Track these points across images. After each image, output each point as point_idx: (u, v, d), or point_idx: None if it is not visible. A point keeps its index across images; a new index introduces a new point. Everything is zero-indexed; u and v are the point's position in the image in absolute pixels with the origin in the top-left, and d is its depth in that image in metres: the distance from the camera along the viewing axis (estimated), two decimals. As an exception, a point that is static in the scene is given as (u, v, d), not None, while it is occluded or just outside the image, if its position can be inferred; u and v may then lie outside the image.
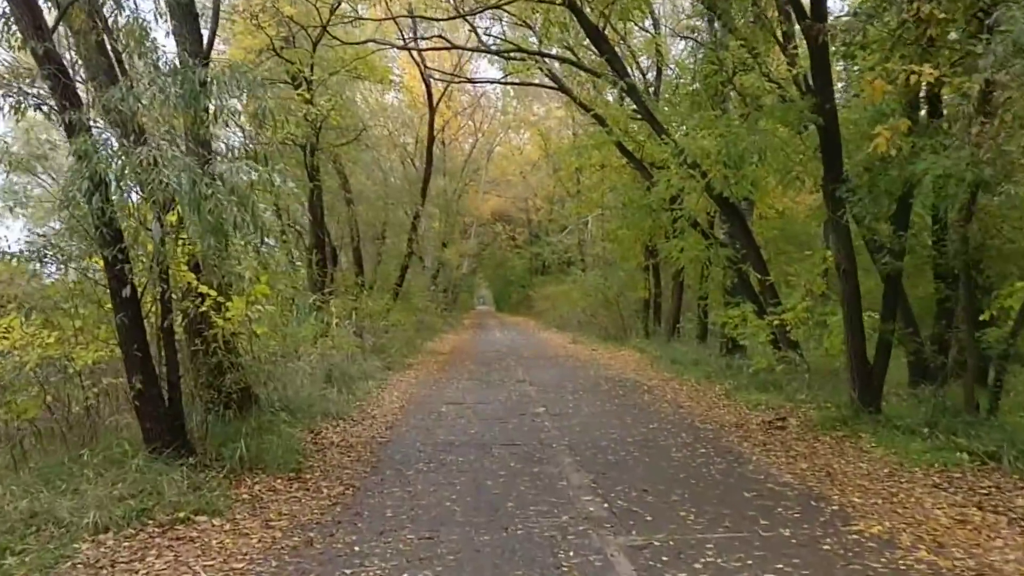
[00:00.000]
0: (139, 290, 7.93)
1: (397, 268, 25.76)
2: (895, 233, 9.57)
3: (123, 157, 6.94)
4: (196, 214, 6.90)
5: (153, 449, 7.72)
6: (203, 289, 9.20)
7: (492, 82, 24.47)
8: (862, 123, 9.83)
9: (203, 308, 9.39)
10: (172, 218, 7.84)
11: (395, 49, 21.72)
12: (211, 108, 7.47)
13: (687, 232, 16.76)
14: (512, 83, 23.77)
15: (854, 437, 9.10)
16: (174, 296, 8.63)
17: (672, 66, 20.46)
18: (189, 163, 6.87)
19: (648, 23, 22.08)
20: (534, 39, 19.28)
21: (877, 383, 9.95)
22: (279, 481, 7.63)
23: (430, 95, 24.43)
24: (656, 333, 24.05)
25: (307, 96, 18.74)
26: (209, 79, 7.18)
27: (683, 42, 22.80)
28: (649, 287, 24.52)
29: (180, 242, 8.48)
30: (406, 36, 19.60)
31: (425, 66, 23.27)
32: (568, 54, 18.49)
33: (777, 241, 18.18)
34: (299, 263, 22.82)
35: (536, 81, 21.23)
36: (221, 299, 9.53)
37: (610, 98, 20.73)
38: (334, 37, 18.42)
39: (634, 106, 16.50)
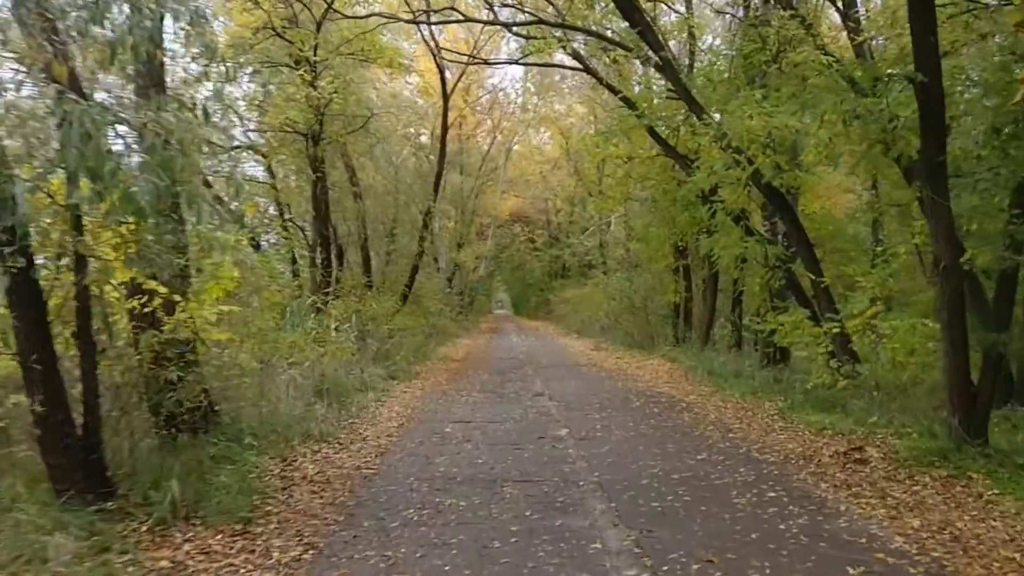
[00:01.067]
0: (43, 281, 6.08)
1: (407, 268, 23.87)
2: (1015, 218, 7.55)
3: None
4: (99, 180, 5.04)
5: (61, 491, 5.88)
6: (149, 285, 7.37)
7: (510, 63, 22.45)
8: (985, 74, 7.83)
9: (151, 308, 7.58)
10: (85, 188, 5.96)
11: (405, 31, 19.92)
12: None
13: (727, 228, 14.76)
14: (532, 64, 21.84)
15: (962, 478, 7.09)
16: (107, 293, 6.78)
17: (706, 50, 18.53)
18: (86, 108, 4.99)
19: (680, 6, 20.17)
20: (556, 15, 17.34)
21: (983, 409, 7.93)
22: (219, 536, 5.72)
23: (444, 82, 22.56)
24: (687, 340, 22.02)
25: (308, 77, 16.92)
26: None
27: (717, 22, 20.89)
28: (679, 290, 22.50)
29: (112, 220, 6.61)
30: (416, 10, 17.68)
31: (438, 48, 21.39)
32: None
33: (828, 240, 16.15)
34: (301, 261, 21.03)
35: (557, 62, 19.27)
36: (176, 296, 7.70)
37: (637, 87, 18.74)
38: (337, 11, 16.57)
39: (666, 88, 14.58)
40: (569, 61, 18.63)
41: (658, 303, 25.58)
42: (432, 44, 21.11)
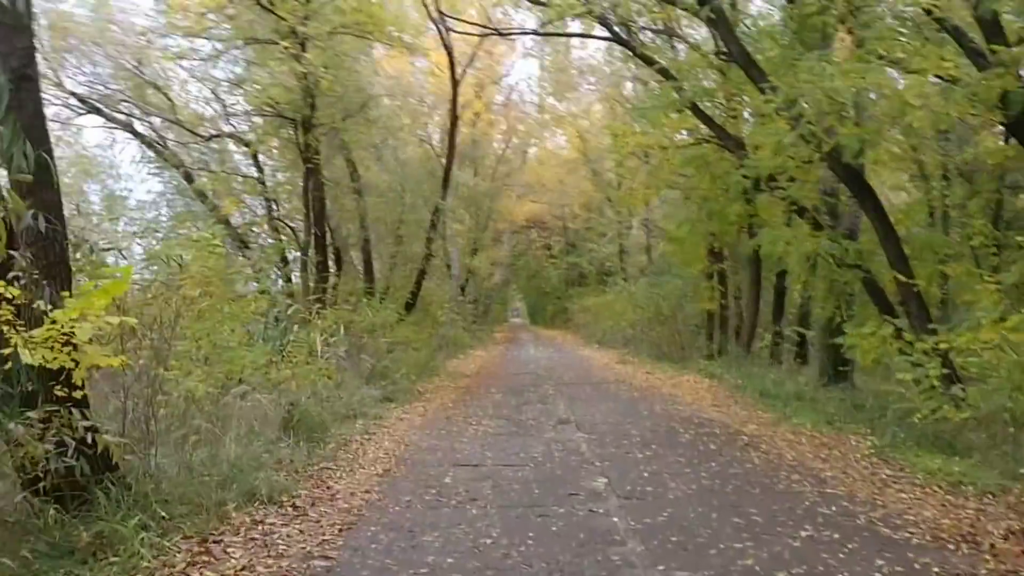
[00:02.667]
0: None
1: (414, 273, 21.26)
2: None
3: None
4: None
5: None
6: (-2, 287, 4.86)
7: (527, 33, 19.70)
8: None
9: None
10: None
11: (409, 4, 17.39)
12: None
13: (793, 223, 12.10)
14: (552, 34, 19.14)
15: None
16: None
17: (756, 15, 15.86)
18: None
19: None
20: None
21: None
22: None
23: (452, 65, 19.98)
24: (725, 352, 19.31)
25: (293, 49, 14.41)
26: None
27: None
28: (715, 297, 19.79)
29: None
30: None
31: (446, 26, 18.82)
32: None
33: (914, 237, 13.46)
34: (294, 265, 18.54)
35: (582, 30, 16.55)
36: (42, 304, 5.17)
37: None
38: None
39: (716, 49, 11.95)
40: (594, 33, 16.00)
41: (688, 312, 22.91)
42: (439, 20, 18.53)
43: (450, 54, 19.72)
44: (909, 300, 10.38)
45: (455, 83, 20.20)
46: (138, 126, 17.89)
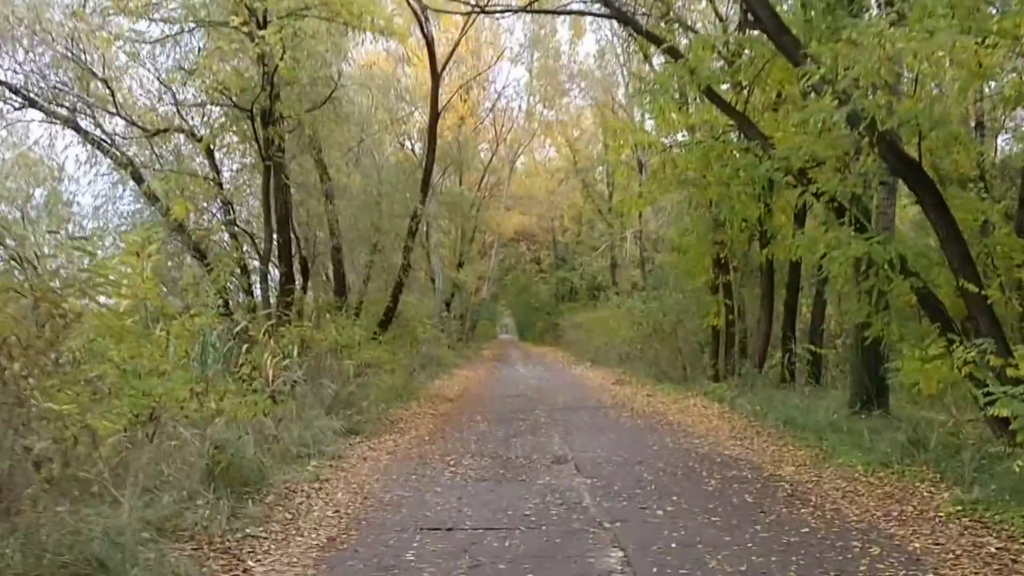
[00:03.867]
0: None
1: (390, 286, 19.24)
2: None
3: None
4: None
5: None
6: None
7: (517, 11, 17.79)
8: None
9: None
10: None
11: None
12: None
13: (828, 222, 10.19)
14: (548, 11, 17.15)
15: None
16: None
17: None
18: None
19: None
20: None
21: None
22: None
23: (432, 55, 18.03)
24: (735, 373, 17.37)
25: (248, 26, 12.50)
26: None
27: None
28: (720, 312, 17.85)
29: None
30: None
31: (424, 8, 16.90)
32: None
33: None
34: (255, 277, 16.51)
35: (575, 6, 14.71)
36: None
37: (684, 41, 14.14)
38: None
39: (742, 13, 10.08)
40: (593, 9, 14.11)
41: (689, 328, 20.99)
42: (417, 4, 16.60)
43: (429, 42, 17.78)
44: (979, 315, 8.49)
45: (435, 74, 18.24)
46: (82, 121, 15.85)
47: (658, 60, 17.90)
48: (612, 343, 27.14)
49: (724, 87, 13.17)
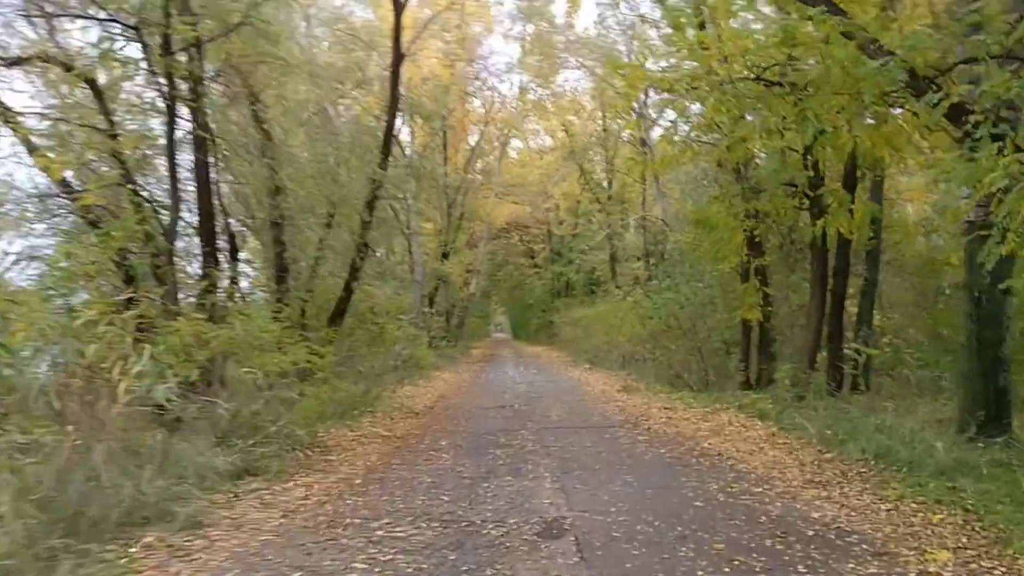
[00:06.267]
0: None
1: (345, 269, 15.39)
2: None
3: None
4: None
5: None
6: None
7: None
8: None
9: None
10: None
11: None
12: None
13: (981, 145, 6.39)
14: None
15: None
16: None
17: None
18: None
19: None
20: None
21: None
22: None
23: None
24: (770, 380, 13.63)
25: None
26: None
27: None
28: (757, 303, 14.08)
29: None
30: None
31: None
32: None
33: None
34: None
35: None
36: None
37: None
38: None
39: None
40: None
41: (711, 324, 17.25)
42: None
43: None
44: None
45: (397, 6, 14.48)
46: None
47: None
48: (614, 342, 23.40)
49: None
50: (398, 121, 25.57)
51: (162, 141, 12.02)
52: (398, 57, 14.77)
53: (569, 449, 9.56)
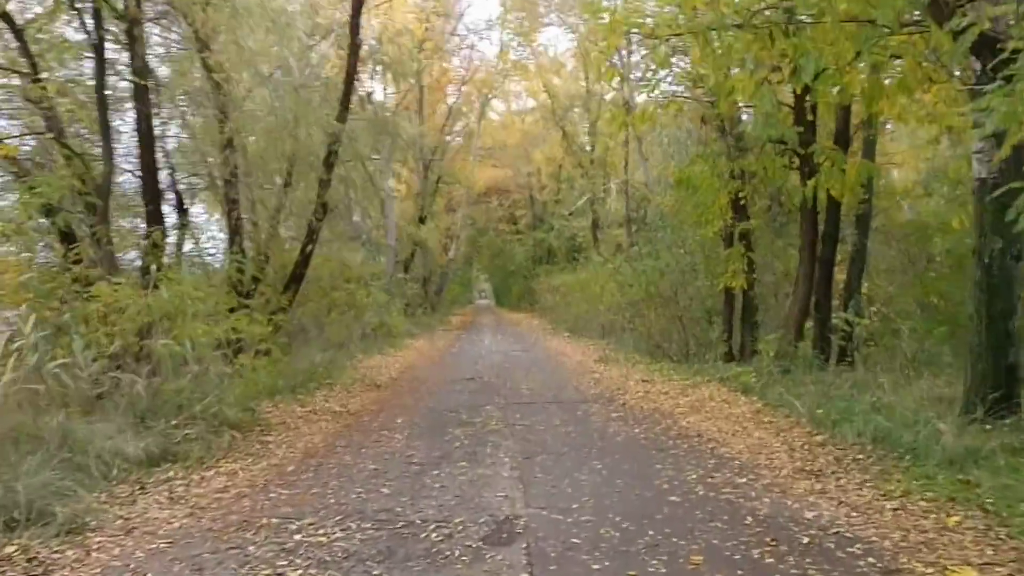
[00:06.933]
0: None
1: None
2: None
3: None
4: None
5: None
6: None
7: None
8: None
9: None
10: None
11: None
12: None
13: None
14: None
15: None
16: None
17: None
18: None
19: None
20: None
21: None
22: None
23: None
24: (756, 352, 12.74)
25: None
26: None
27: None
28: (741, 269, 13.15)
29: None
30: None
31: None
32: None
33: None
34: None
35: None
36: None
37: None
38: None
39: None
40: None
41: (692, 292, 16.33)
42: None
43: None
44: None
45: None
46: None
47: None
48: (594, 310, 22.49)
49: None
50: (371, 79, 24.43)
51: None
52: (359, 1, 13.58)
53: (535, 429, 8.63)
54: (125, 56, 11.38)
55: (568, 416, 9.48)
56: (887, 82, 8.90)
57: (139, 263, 11.28)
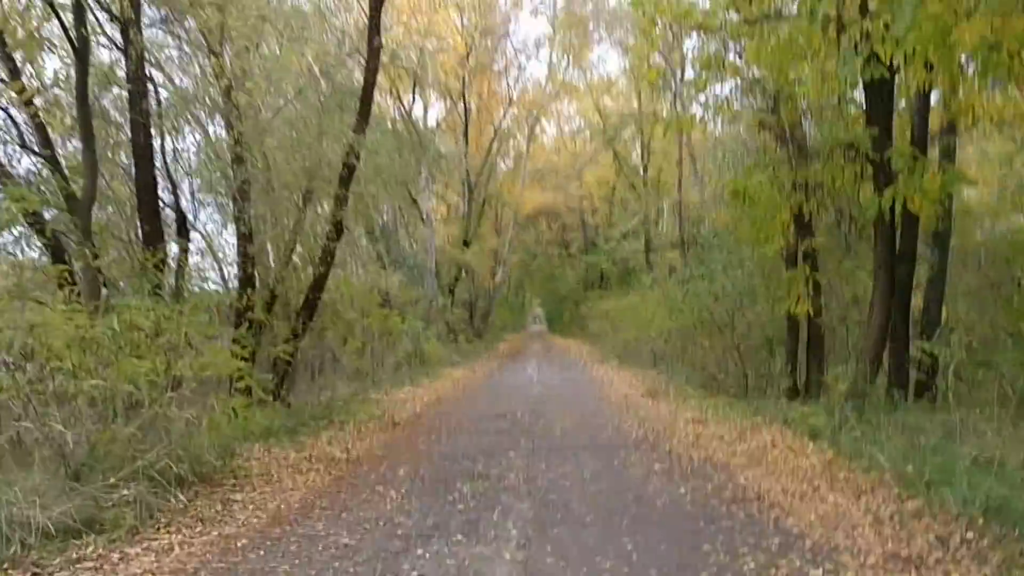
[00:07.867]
0: None
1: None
2: None
3: None
4: None
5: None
6: None
7: None
8: None
9: None
10: None
11: None
12: None
13: None
14: None
15: None
16: None
17: None
18: None
19: None
20: None
21: None
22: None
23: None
24: (823, 388, 11.01)
25: None
26: None
27: None
28: (807, 294, 11.47)
29: None
30: None
31: None
32: None
33: None
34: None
35: None
36: None
37: None
38: None
39: None
40: None
41: (751, 318, 14.65)
42: None
43: None
44: None
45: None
46: None
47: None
48: (644, 337, 20.86)
49: None
50: (412, 98, 23.34)
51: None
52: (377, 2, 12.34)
53: (559, 485, 7.11)
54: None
55: (602, 466, 7.93)
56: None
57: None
